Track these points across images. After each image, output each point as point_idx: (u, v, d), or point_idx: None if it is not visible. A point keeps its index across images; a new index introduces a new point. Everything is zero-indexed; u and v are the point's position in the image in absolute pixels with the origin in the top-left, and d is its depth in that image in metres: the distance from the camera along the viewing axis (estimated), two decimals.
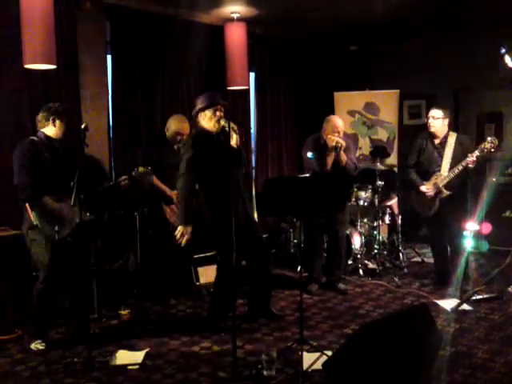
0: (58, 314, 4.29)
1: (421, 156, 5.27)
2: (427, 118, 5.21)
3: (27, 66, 4.42)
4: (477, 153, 4.87)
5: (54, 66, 4.50)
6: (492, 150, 4.84)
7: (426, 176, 5.21)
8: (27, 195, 3.83)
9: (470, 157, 4.89)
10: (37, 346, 3.94)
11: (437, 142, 5.19)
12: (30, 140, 3.99)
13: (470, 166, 4.92)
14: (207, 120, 4.24)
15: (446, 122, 5.15)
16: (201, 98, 4.32)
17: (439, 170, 5.13)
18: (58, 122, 4.06)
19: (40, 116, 4.09)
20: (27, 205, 3.85)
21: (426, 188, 5.17)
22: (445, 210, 5.13)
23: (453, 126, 5.32)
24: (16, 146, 4.01)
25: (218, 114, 4.23)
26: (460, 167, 4.95)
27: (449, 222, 5.15)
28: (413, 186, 5.33)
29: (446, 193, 5.07)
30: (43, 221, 3.83)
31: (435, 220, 5.25)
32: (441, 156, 5.13)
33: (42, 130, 4.06)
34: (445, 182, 5.06)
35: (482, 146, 4.84)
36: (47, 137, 4.05)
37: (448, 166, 5.07)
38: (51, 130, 4.06)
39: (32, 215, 3.82)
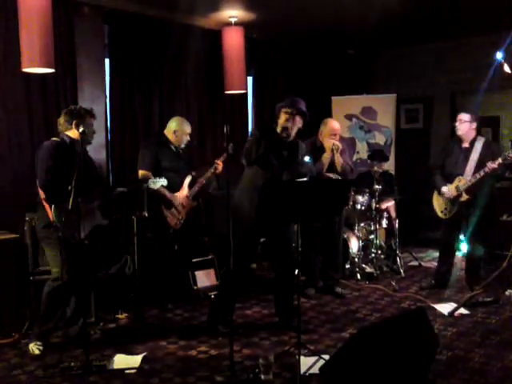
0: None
1: (447, 158, 5.28)
2: (454, 122, 5.23)
3: (25, 70, 4.44)
4: (500, 160, 4.83)
5: (52, 70, 4.52)
6: None
7: (450, 178, 5.21)
8: (54, 198, 3.80)
9: (492, 163, 4.87)
10: (33, 348, 3.92)
11: (464, 145, 5.19)
12: (53, 141, 3.98)
13: (490, 172, 4.89)
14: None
15: (474, 125, 5.13)
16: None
17: (462, 174, 5.12)
18: (83, 125, 3.94)
19: (62, 119, 4.03)
20: (47, 204, 3.83)
21: (447, 190, 5.18)
22: (464, 213, 5.16)
23: (450, 131, 5.31)
24: (39, 148, 3.98)
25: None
26: (482, 173, 4.93)
27: (467, 225, 5.19)
28: (434, 187, 5.35)
29: (465, 197, 5.08)
30: (64, 220, 3.80)
31: (451, 222, 5.28)
32: (466, 159, 5.12)
33: (66, 132, 4.02)
34: (466, 186, 5.05)
35: (506, 153, 4.82)
36: (71, 139, 4.00)
37: (472, 171, 5.06)
38: (74, 133, 3.98)
39: (52, 215, 3.79)
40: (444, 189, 5.21)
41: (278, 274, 4.49)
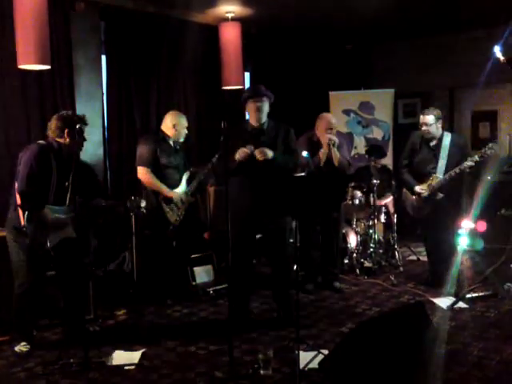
0: (55, 314, 4.29)
1: (415, 157, 5.22)
2: (420, 125, 5.12)
3: (21, 67, 4.42)
4: (476, 158, 4.81)
5: (48, 67, 4.50)
6: (491, 155, 4.80)
7: (422, 177, 5.15)
8: (29, 206, 3.71)
9: (469, 161, 4.83)
10: (21, 348, 3.90)
11: (432, 144, 5.13)
12: (40, 146, 3.84)
13: (467, 170, 4.88)
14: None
15: (440, 124, 5.08)
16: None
17: (435, 172, 5.08)
18: (73, 135, 3.85)
19: (53, 125, 3.89)
20: (20, 209, 3.74)
21: (421, 189, 5.13)
22: (439, 211, 5.11)
23: (448, 125, 5.28)
24: (24, 150, 3.85)
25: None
26: (457, 170, 4.89)
27: (443, 222, 5.11)
28: (406, 187, 5.31)
29: (440, 195, 5.04)
30: (34, 228, 3.71)
31: (429, 220, 5.24)
32: (436, 157, 5.07)
33: (57, 139, 3.89)
34: (440, 184, 5.01)
35: (483, 151, 4.78)
36: (60, 146, 3.88)
37: (443, 168, 5.01)
38: (66, 140, 3.87)
39: (24, 219, 3.69)
40: (417, 188, 5.14)
41: (274, 269, 4.52)
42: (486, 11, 6.28)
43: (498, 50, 5.16)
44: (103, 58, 5.62)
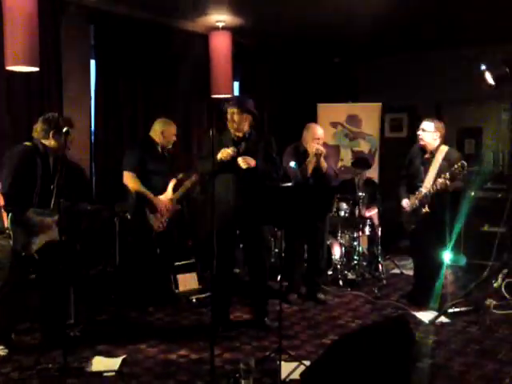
0: (33, 318, 4.23)
1: (410, 168, 5.19)
2: (418, 130, 5.07)
3: (9, 68, 4.38)
4: (448, 176, 4.75)
5: (36, 68, 4.47)
6: (460, 173, 4.73)
7: (412, 189, 5.12)
8: (13, 207, 3.67)
9: (441, 179, 4.76)
10: None
11: (426, 156, 5.06)
12: (25, 148, 3.81)
13: (443, 188, 4.78)
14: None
15: (437, 135, 4.98)
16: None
17: (421, 186, 5.04)
18: (59, 137, 3.83)
19: (39, 127, 3.87)
20: (4, 210, 3.70)
21: (406, 203, 5.11)
22: (425, 226, 5.09)
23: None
24: (8, 151, 3.82)
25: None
26: (434, 187, 4.84)
27: (429, 237, 5.07)
28: (397, 199, 5.32)
29: (424, 210, 4.98)
30: (18, 232, 3.68)
31: (416, 234, 5.24)
32: (426, 172, 5.01)
33: (42, 141, 3.86)
34: (422, 199, 4.96)
35: (453, 170, 4.71)
36: (46, 148, 3.86)
37: (430, 183, 4.93)
38: (51, 143, 3.86)
39: (7, 222, 3.67)
40: (404, 202, 5.12)
41: (251, 276, 4.60)
42: (474, 29, 6.36)
43: (488, 75, 5.20)
44: (92, 62, 5.61)
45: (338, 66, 8.20)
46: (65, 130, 3.71)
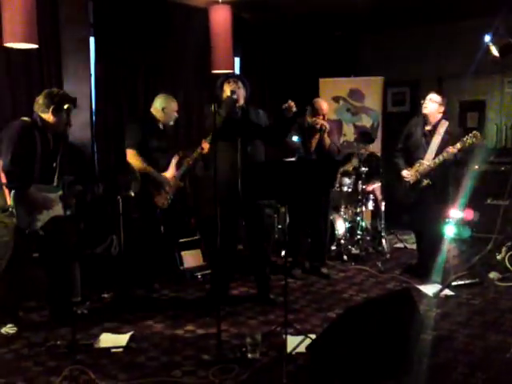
0: (42, 296, 4.25)
1: (409, 140, 5.18)
2: (423, 100, 5.04)
3: (7, 45, 4.34)
4: (458, 146, 4.76)
5: (35, 45, 4.42)
6: (474, 144, 4.78)
7: (411, 161, 5.11)
8: (15, 184, 3.66)
9: (450, 149, 4.80)
10: (7, 330, 3.87)
11: (427, 128, 5.06)
12: (23, 123, 3.76)
13: (451, 157, 4.83)
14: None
15: (442, 109, 5.00)
16: None
17: (423, 158, 5.04)
18: (58, 114, 3.80)
19: (41, 100, 3.81)
20: (6, 188, 3.69)
21: (407, 174, 5.09)
22: (425, 198, 5.10)
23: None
24: (6, 128, 3.78)
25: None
26: (441, 157, 4.85)
27: (428, 209, 5.08)
28: (395, 170, 5.30)
29: (425, 182, 5.01)
30: (21, 209, 3.68)
31: (416, 207, 5.23)
32: (427, 143, 5.01)
33: (41, 114, 3.82)
34: (426, 171, 4.98)
35: (465, 139, 4.74)
36: (44, 123, 3.81)
37: (432, 155, 4.95)
38: (50, 118, 3.82)
39: (10, 199, 3.65)
40: (404, 172, 5.09)
41: (252, 252, 4.61)
42: (476, 1, 6.27)
43: (488, 40, 5.16)
44: (91, 39, 5.55)
45: (339, 39, 8.10)
46: (66, 106, 3.68)
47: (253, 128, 4.36)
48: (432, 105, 4.98)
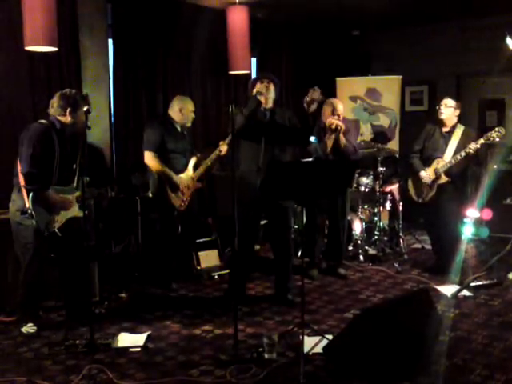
0: (57, 296, 4.31)
1: (426, 142, 5.26)
2: (439, 106, 5.19)
3: (28, 48, 4.40)
4: (482, 140, 4.83)
5: (55, 48, 4.47)
6: (498, 139, 4.82)
7: (428, 162, 5.20)
8: (34, 187, 3.71)
9: (473, 144, 4.86)
10: (27, 329, 3.92)
11: (444, 130, 5.18)
12: (41, 125, 3.82)
13: (472, 153, 4.89)
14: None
15: (457, 112, 5.14)
16: None
17: (441, 157, 5.11)
18: (76, 114, 3.85)
19: (56, 103, 3.87)
20: (24, 190, 3.73)
21: (426, 173, 5.16)
22: (443, 197, 5.12)
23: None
24: (25, 131, 3.83)
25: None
26: (463, 153, 4.92)
27: (446, 208, 5.12)
28: (412, 171, 5.32)
29: (444, 178, 5.06)
30: (40, 210, 3.72)
31: (432, 207, 5.24)
32: (446, 144, 5.13)
33: (58, 117, 3.87)
34: (445, 167, 5.05)
35: (489, 134, 4.81)
36: (62, 125, 3.87)
37: (451, 154, 5.06)
38: (68, 119, 3.87)
39: (28, 201, 3.69)
40: (422, 173, 5.18)
41: (275, 254, 4.61)
42: None
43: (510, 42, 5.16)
44: (110, 41, 5.60)
45: (356, 39, 8.07)
46: (85, 108, 3.71)
47: (279, 131, 4.37)
48: (448, 110, 5.12)
